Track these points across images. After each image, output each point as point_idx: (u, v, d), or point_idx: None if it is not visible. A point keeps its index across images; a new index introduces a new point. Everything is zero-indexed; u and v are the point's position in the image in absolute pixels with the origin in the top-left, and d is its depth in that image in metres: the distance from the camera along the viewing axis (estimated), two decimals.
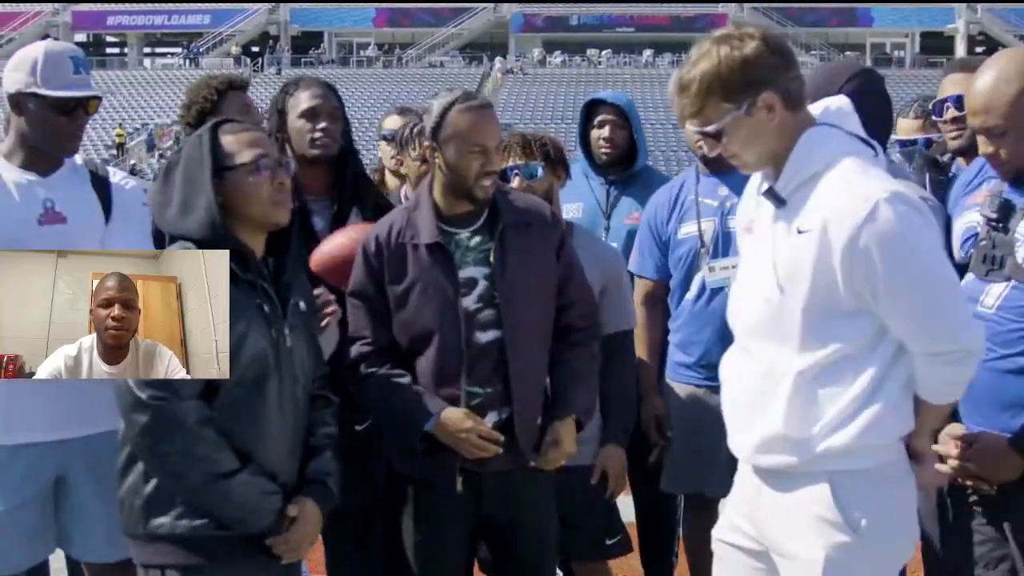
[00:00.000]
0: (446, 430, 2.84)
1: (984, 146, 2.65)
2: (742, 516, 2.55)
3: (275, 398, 2.57)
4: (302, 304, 2.70)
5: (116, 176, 3.21)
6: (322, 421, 2.76)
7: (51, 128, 2.98)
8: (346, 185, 3.36)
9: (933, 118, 3.79)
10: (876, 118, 3.03)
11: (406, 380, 2.93)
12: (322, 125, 3.31)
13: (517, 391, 2.91)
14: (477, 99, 2.97)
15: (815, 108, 2.44)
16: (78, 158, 3.15)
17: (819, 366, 2.33)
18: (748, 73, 2.29)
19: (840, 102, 2.46)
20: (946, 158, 3.80)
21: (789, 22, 53.87)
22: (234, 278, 2.51)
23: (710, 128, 2.35)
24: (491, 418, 2.91)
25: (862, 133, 2.42)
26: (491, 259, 2.91)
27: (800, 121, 2.36)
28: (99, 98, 3.04)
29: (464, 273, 2.91)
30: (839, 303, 2.30)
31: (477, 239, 2.95)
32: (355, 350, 2.99)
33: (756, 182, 2.52)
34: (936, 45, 53.12)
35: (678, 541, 4.01)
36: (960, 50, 51.87)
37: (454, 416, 2.84)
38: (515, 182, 3.36)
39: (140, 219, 3.13)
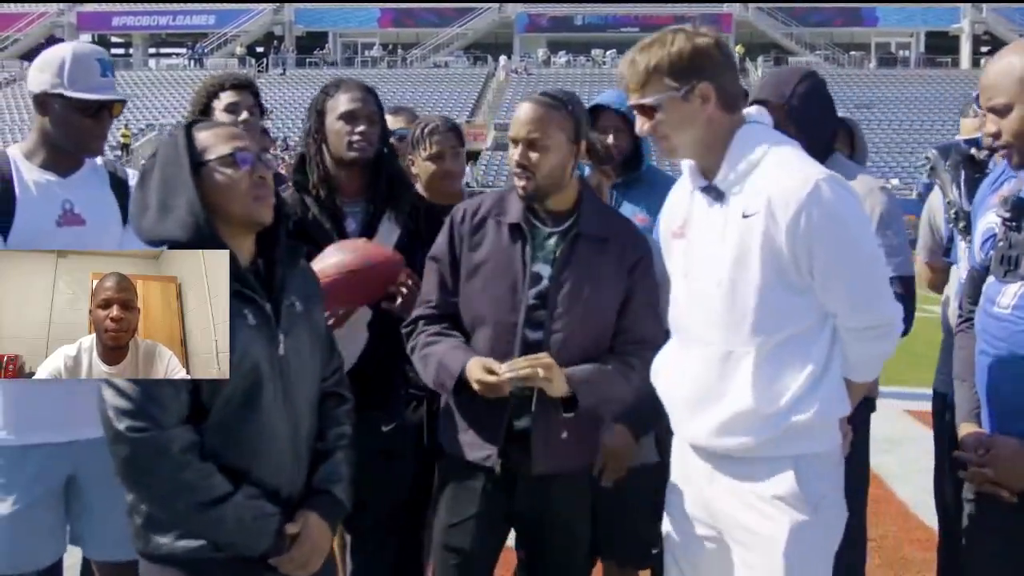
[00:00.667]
0: (475, 381, 2.80)
1: (989, 125, 2.66)
2: (691, 501, 2.64)
3: (272, 409, 2.45)
4: (298, 304, 2.55)
5: (135, 178, 3.21)
6: (334, 421, 2.64)
7: (75, 129, 2.98)
8: (381, 188, 3.35)
9: (975, 108, 3.79)
10: (828, 112, 3.37)
11: (457, 339, 2.93)
12: (360, 128, 3.29)
13: (540, 403, 2.85)
14: (525, 98, 2.99)
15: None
16: (98, 159, 3.16)
17: (775, 343, 2.45)
18: (695, 60, 2.46)
19: (759, 110, 2.63)
20: (983, 155, 3.79)
21: (794, 22, 53.85)
22: None
23: (648, 100, 2.48)
24: (524, 421, 2.88)
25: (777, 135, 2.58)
26: (555, 259, 2.91)
27: (733, 121, 2.52)
28: (124, 101, 3.06)
29: (533, 267, 2.90)
30: (789, 281, 2.43)
31: (553, 240, 2.94)
32: (418, 311, 3.01)
33: (682, 187, 2.67)
34: (941, 45, 53.04)
35: None
36: (965, 50, 51.86)
37: (472, 365, 2.81)
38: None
39: None
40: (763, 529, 2.48)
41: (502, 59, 51.32)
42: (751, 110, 2.61)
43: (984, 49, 48.38)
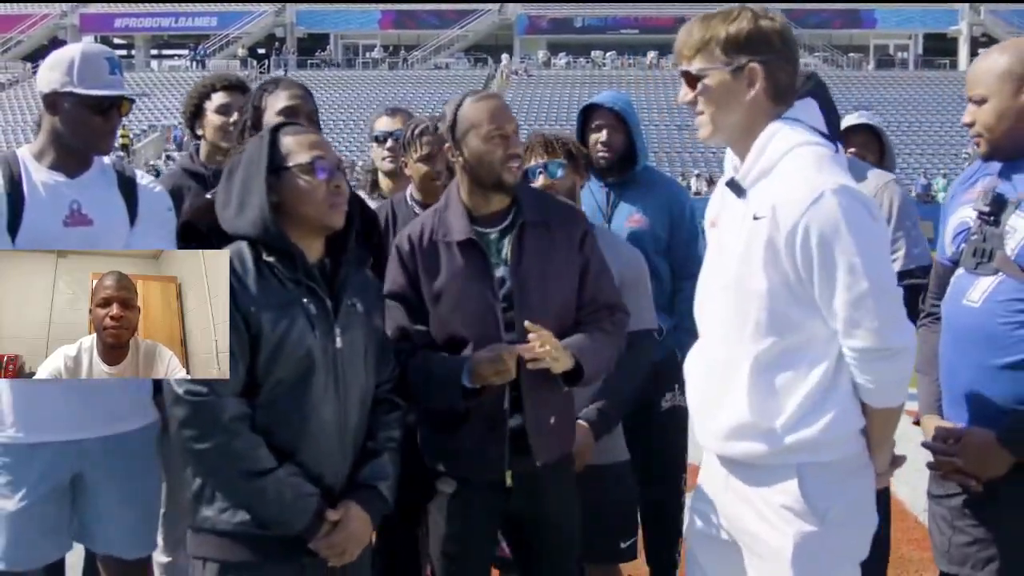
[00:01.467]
0: (482, 367, 2.81)
1: (966, 115, 2.74)
2: (711, 507, 2.60)
3: (323, 398, 2.58)
4: (359, 305, 2.69)
5: (144, 179, 3.22)
6: (385, 424, 2.75)
7: (85, 127, 3.00)
8: None
9: None
10: (832, 114, 3.29)
11: (443, 353, 2.94)
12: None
13: (528, 396, 2.90)
14: (485, 92, 3.04)
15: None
16: (106, 159, 3.17)
17: (774, 353, 2.39)
18: (752, 40, 2.41)
19: (805, 102, 2.54)
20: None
21: (793, 23, 53.06)
22: (281, 277, 2.55)
23: (694, 68, 2.44)
24: (516, 420, 2.91)
25: (823, 129, 2.49)
26: (507, 259, 2.93)
27: (774, 112, 2.44)
28: (133, 100, 3.08)
29: (497, 273, 2.93)
30: (792, 290, 2.36)
31: (505, 240, 2.96)
32: (396, 347, 2.97)
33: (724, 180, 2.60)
34: (939, 47, 53.01)
35: (680, 541, 4.02)
36: (963, 52, 51.81)
37: (480, 355, 2.83)
38: (538, 181, 3.41)
39: (165, 223, 3.16)
40: (771, 539, 2.43)
41: (504, 56, 51.33)
42: (797, 103, 2.52)
43: (982, 51, 48.30)
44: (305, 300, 2.57)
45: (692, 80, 2.46)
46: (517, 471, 2.92)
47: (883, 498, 3.30)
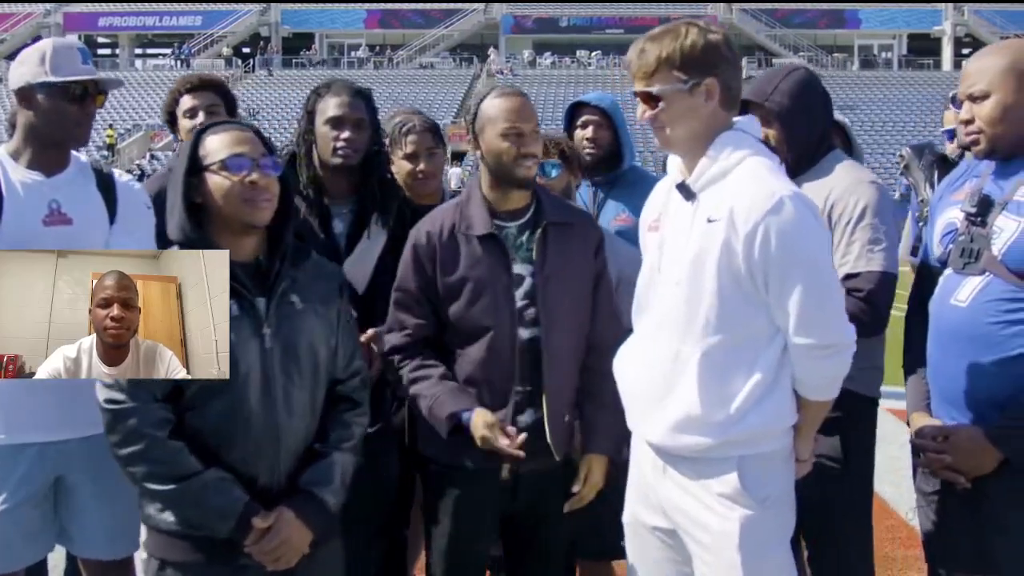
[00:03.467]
0: (477, 431, 2.86)
1: (963, 113, 2.72)
2: (647, 497, 2.70)
3: (251, 399, 2.53)
4: (299, 303, 2.62)
5: (122, 177, 3.21)
6: (340, 424, 2.70)
7: (61, 117, 2.98)
8: (369, 191, 3.37)
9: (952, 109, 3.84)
10: (816, 109, 3.24)
11: (439, 371, 2.96)
12: (346, 135, 3.31)
13: (550, 391, 2.94)
14: (510, 88, 3.06)
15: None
16: (83, 157, 3.16)
17: (723, 348, 2.49)
18: (706, 55, 2.50)
19: (749, 119, 2.66)
20: (956, 155, 3.83)
21: (777, 23, 53.93)
22: None
23: (654, 89, 2.52)
24: (526, 417, 2.94)
25: (763, 142, 2.63)
26: (533, 256, 2.96)
27: (725, 120, 2.57)
28: (105, 93, 3.05)
29: (514, 269, 2.96)
30: (743, 290, 2.46)
31: (525, 236, 2.99)
32: (392, 339, 3.01)
33: (666, 181, 2.70)
34: (923, 47, 53.21)
35: None
36: (947, 52, 52.05)
37: (476, 421, 2.86)
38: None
39: (145, 220, 3.16)
40: (716, 524, 2.54)
41: (491, 50, 51.29)
42: (741, 118, 2.64)
43: (965, 51, 48.47)
44: (230, 303, 2.50)
45: (650, 99, 2.54)
46: (522, 471, 2.95)
47: (865, 495, 3.37)
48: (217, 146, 2.58)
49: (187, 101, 4.00)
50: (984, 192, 2.71)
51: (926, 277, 2.92)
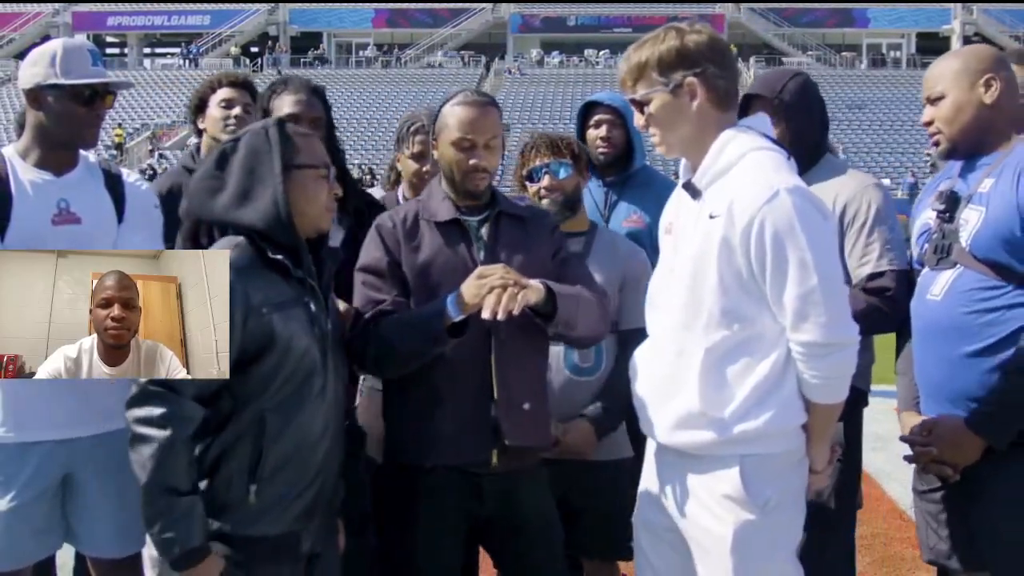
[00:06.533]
0: (469, 293, 2.72)
1: (924, 116, 2.87)
2: (655, 498, 2.68)
3: (319, 396, 2.54)
4: (331, 304, 2.70)
5: (130, 176, 3.21)
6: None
7: (70, 118, 2.98)
8: None
9: None
10: (818, 112, 3.41)
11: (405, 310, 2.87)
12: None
13: (500, 379, 2.84)
14: (476, 96, 2.97)
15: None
16: (92, 156, 3.17)
17: (726, 345, 2.47)
18: (682, 56, 2.52)
19: (760, 117, 2.69)
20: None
21: (786, 23, 53.91)
22: (286, 274, 2.51)
23: (638, 95, 2.57)
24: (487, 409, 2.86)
25: (773, 138, 2.61)
26: (485, 240, 2.93)
27: (724, 119, 2.56)
28: (114, 93, 3.06)
29: (476, 255, 2.91)
30: (744, 286, 2.45)
31: (484, 229, 2.96)
32: (371, 313, 2.88)
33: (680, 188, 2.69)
34: (932, 46, 53.02)
35: None
36: None
37: (464, 286, 2.74)
38: (544, 180, 3.43)
39: (153, 220, 3.16)
40: (713, 527, 2.52)
41: (508, 59, 51.38)
42: (752, 117, 2.66)
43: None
44: (306, 299, 2.54)
45: (639, 106, 2.58)
46: (495, 470, 2.85)
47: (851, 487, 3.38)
48: (307, 148, 2.61)
49: (225, 92, 4.02)
50: (953, 190, 2.81)
51: (912, 280, 2.99)
